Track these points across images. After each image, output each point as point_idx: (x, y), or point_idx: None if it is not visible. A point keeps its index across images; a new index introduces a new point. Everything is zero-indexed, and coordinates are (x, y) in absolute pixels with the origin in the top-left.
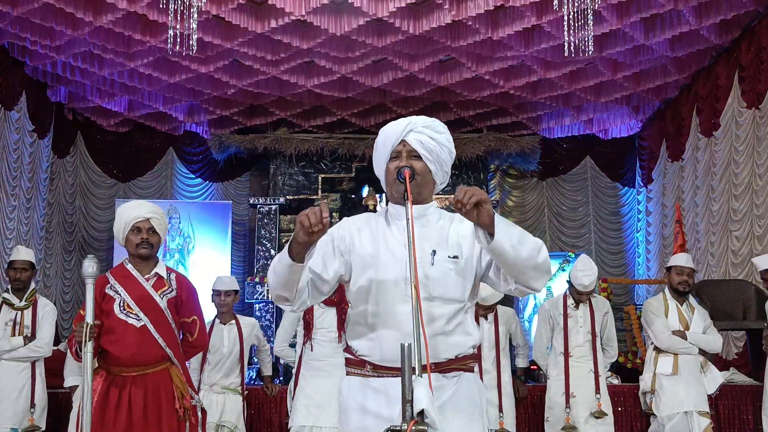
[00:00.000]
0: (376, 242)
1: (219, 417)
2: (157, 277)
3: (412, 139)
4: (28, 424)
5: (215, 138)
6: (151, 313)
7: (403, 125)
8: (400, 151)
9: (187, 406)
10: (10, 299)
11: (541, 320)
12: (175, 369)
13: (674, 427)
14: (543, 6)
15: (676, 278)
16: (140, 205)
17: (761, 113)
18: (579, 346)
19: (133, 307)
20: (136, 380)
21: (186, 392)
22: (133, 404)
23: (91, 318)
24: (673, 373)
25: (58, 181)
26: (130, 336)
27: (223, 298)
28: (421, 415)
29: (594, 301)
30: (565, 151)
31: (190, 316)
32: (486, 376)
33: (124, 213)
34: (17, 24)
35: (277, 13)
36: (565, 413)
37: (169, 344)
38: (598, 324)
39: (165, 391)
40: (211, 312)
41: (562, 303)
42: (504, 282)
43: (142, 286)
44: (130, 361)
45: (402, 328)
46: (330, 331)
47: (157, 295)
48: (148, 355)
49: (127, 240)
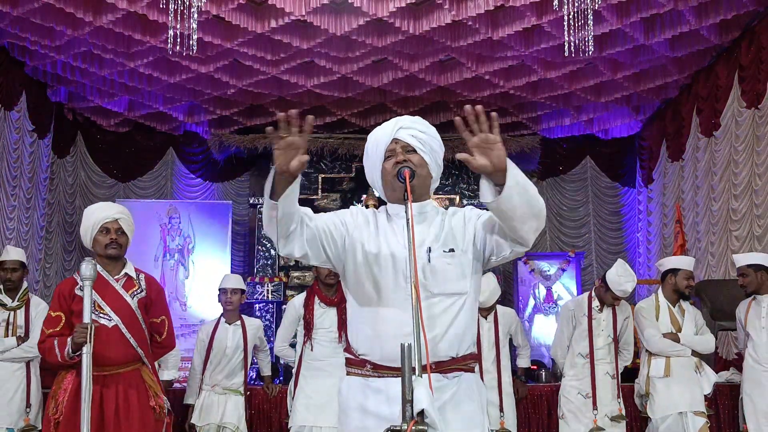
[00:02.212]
0: (378, 240)
1: (220, 418)
2: (126, 277)
3: (403, 135)
4: (24, 424)
5: (215, 138)
6: (122, 313)
7: (392, 125)
8: (394, 149)
9: (161, 404)
10: (2, 299)
11: (564, 319)
12: (145, 369)
13: (668, 429)
14: (543, 6)
15: (684, 282)
16: (108, 207)
17: (761, 113)
18: (599, 348)
19: (104, 308)
20: (107, 380)
21: (159, 391)
22: (105, 403)
23: (89, 319)
24: (665, 375)
25: (58, 181)
26: (101, 336)
27: (229, 296)
28: (421, 415)
29: (617, 306)
30: (565, 151)
31: (159, 316)
32: (486, 376)
33: (92, 214)
34: (17, 24)
35: (277, 13)
36: (593, 414)
37: (140, 344)
38: (619, 329)
39: (138, 389)
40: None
41: (587, 304)
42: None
43: (113, 286)
44: (102, 361)
45: (403, 328)
46: (330, 331)
47: (127, 295)
48: (119, 355)
49: (95, 241)
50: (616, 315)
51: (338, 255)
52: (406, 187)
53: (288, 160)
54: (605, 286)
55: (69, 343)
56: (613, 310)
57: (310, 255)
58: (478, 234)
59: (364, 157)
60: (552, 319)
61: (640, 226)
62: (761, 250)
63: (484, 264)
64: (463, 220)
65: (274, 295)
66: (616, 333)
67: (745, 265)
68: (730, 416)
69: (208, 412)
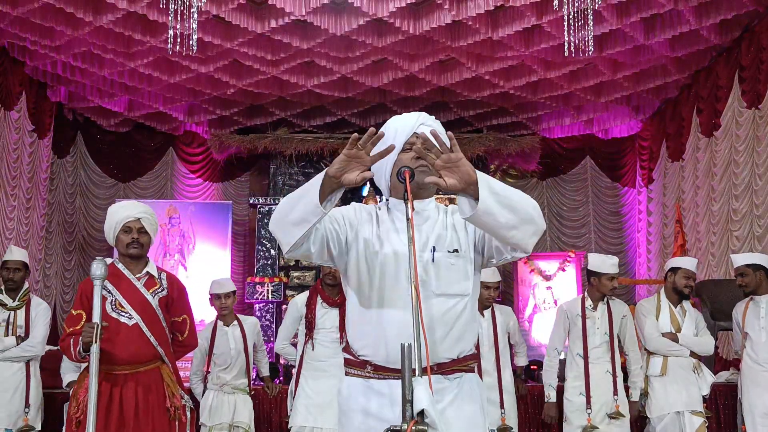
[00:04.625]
0: (380, 238)
1: (232, 417)
2: (148, 276)
3: (423, 131)
4: (23, 424)
5: (215, 138)
6: (143, 312)
7: (415, 118)
8: (414, 142)
9: (178, 405)
10: (2, 299)
11: (557, 319)
12: (165, 368)
13: (665, 428)
14: (543, 6)
15: (683, 281)
16: (131, 206)
17: (761, 113)
18: (596, 347)
19: (125, 306)
20: (128, 378)
21: (176, 391)
22: (125, 402)
23: (99, 319)
24: (661, 373)
25: (58, 181)
26: (122, 334)
27: (223, 301)
28: (421, 415)
29: (612, 304)
30: (565, 151)
31: (180, 315)
32: (486, 377)
33: (115, 213)
34: (17, 24)
35: (277, 13)
36: (586, 414)
37: (160, 343)
38: (615, 326)
39: (156, 389)
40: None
41: (580, 304)
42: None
43: (134, 285)
44: (123, 360)
45: (404, 329)
46: (332, 332)
47: (148, 294)
48: (140, 353)
49: (118, 240)
50: (611, 313)
51: (341, 254)
52: (407, 187)
53: (344, 169)
54: (596, 278)
55: (80, 342)
56: (608, 308)
57: (314, 255)
58: (479, 235)
59: (381, 142)
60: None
61: (640, 226)
62: (761, 251)
63: (484, 264)
64: (464, 221)
65: (274, 295)
66: (612, 330)
67: (744, 264)
68: (730, 416)
69: (219, 412)
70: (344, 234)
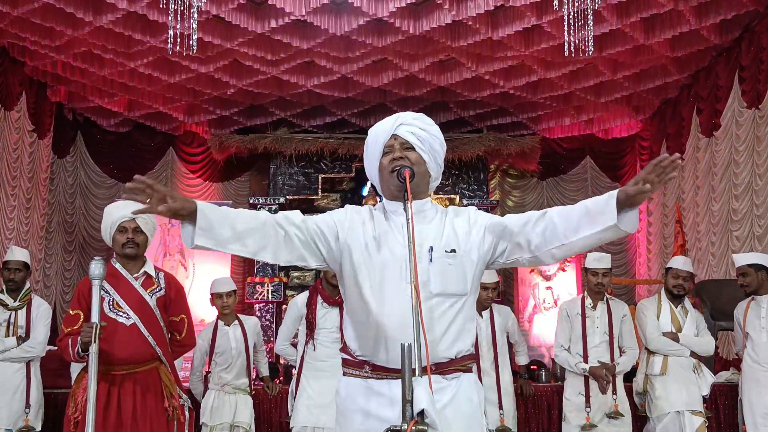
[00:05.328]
0: (377, 240)
1: (233, 417)
2: (145, 275)
3: (403, 132)
4: (23, 424)
5: (215, 138)
6: (140, 311)
7: (392, 120)
8: (392, 144)
9: (176, 405)
10: (3, 300)
11: (559, 319)
12: (163, 368)
13: (665, 427)
14: (543, 6)
15: (672, 281)
16: (126, 205)
17: (761, 113)
18: (595, 346)
19: (122, 306)
20: (126, 379)
21: (174, 391)
22: (123, 403)
23: (98, 319)
24: (661, 373)
25: (58, 181)
26: (120, 334)
27: (224, 300)
28: (421, 415)
29: (612, 304)
30: (565, 151)
31: (178, 315)
32: (485, 377)
33: (111, 213)
34: (17, 24)
35: (277, 13)
36: (585, 412)
37: (158, 343)
38: (615, 326)
39: (154, 389)
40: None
41: (580, 304)
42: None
43: (132, 285)
44: (120, 360)
45: (403, 329)
46: (332, 332)
47: (146, 293)
48: (138, 353)
49: (114, 240)
50: (611, 312)
51: (333, 256)
52: (407, 187)
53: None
54: (585, 274)
55: (78, 342)
56: (608, 307)
57: (307, 257)
58: (487, 237)
59: (364, 151)
60: (552, 320)
61: (640, 226)
62: (762, 251)
63: (488, 265)
64: (468, 223)
65: (274, 295)
66: (612, 330)
67: (746, 264)
68: (730, 416)
69: (220, 412)
70: (333, 235)
